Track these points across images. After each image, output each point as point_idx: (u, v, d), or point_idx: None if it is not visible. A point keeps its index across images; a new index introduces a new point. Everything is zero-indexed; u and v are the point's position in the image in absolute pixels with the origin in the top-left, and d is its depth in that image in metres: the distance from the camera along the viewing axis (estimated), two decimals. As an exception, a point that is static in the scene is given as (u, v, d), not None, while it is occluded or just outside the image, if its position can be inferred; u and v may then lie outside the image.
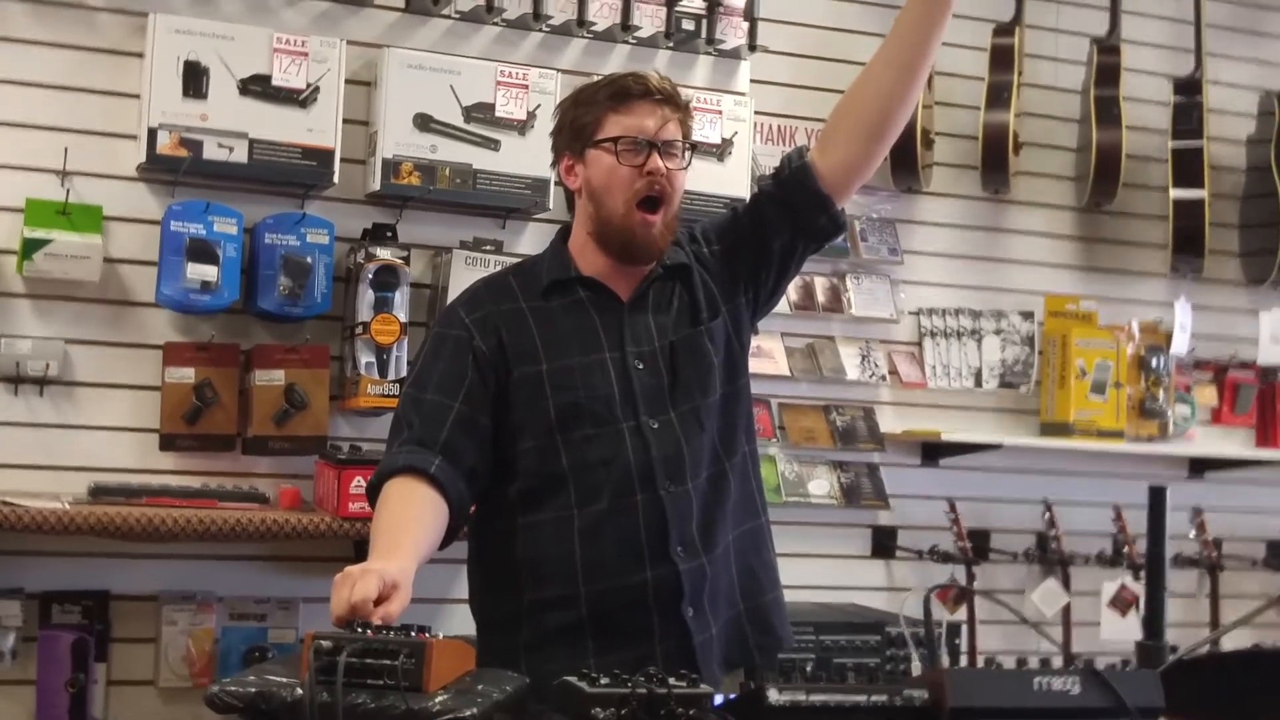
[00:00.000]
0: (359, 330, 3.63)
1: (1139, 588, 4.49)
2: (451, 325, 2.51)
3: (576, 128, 2.52)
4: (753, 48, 4.13)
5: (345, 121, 3.65)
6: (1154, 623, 2.32)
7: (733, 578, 2.50)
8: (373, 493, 2.37)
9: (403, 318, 3.65)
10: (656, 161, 2.45)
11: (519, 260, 2.80)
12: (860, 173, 2.57)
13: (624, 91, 2.48)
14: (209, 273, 3.49)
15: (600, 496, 2.41)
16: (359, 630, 1.79)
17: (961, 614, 4.32)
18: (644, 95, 2.48)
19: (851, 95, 2.55)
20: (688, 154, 2.52)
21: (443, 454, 2.36)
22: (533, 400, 2.44)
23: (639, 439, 2.43)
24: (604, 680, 1.76)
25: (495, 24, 3.90)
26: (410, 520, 2.27)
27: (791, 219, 2.55)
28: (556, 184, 3.76)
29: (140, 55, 3.54)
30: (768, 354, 4.36)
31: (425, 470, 2.32)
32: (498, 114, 3.78)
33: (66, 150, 3.51)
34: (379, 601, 1.95)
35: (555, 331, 2.48)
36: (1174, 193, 4.87)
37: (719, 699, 1.91)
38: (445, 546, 2.37)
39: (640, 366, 2.47)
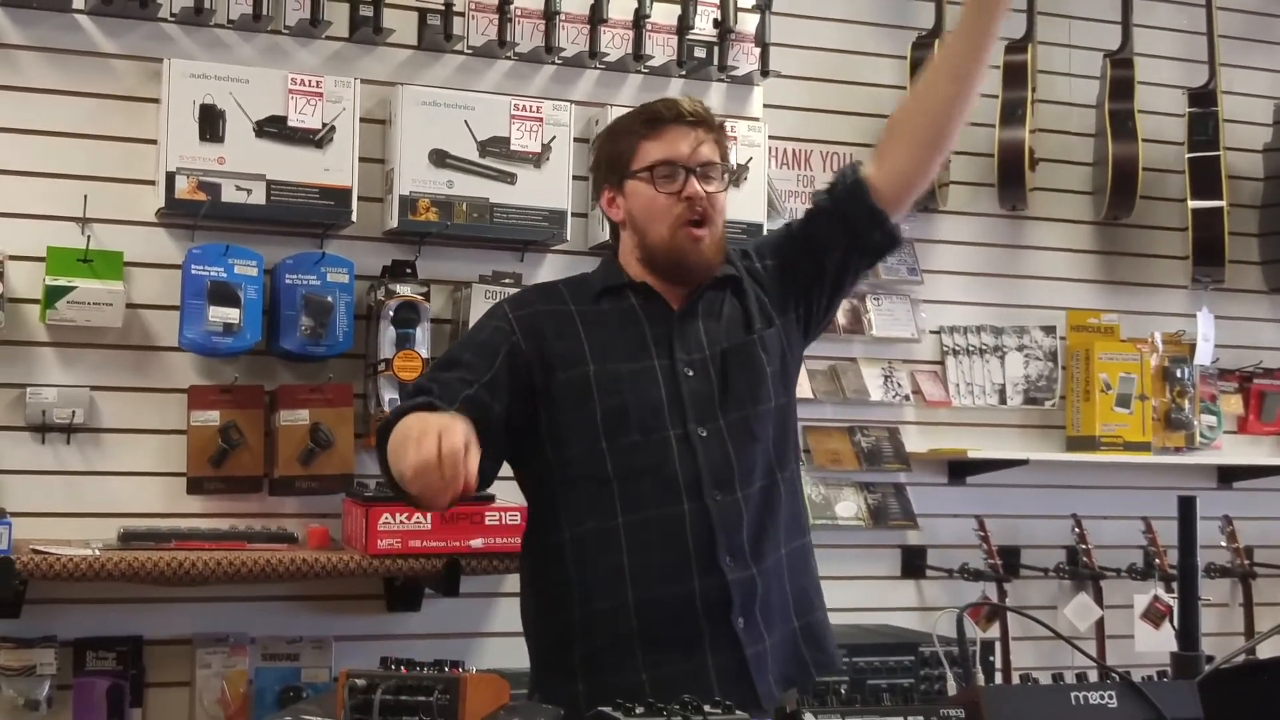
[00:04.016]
0: (382, 367, 3.64)
1: (1172, 599, 4.46)
2: (494, 317, 2.53)
3: (613, 160, 2.52)
4: (765, 73, 4.14)
5: (361, 160, 3.66)
6: (1189, 633, 2.30)
7: (786, 594, 2.49)
8: (383, 433, 2.36)
9: (424, 353, 3.65)
10: (694, 186, 2.44)
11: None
12: (915, 184, 2.56)
13: (656, 118, 2.48)
14: (231, 315, 3.50)
15: (646, 504, 2.39)
16: (392, 667, 1.80)
17: (994, 631, 4.30)
18: (676, 119, 2.47)
19: (907, 108, 2.59)
20: (726, 176, 2.51)
21: None
22: (580, 402, 2.42)
23: (686, 446, 2.41)
24: (639, 710, 1.75)
25: (508, 58, 3.92)
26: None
27: (846, 235, 2.54)
28: (576, 214, 3.80)
29: (156, 101, 3.56)
30: (790, 377, 4.35)
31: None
32: (513, 147, 3.78)
33: (86, 197, 3.53)
34: None
35: (603, 335, 2.47)
36: (1192, 203, 4.86)
37: (756, 726, 1.90)
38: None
39: (690, 374, 2.45)
